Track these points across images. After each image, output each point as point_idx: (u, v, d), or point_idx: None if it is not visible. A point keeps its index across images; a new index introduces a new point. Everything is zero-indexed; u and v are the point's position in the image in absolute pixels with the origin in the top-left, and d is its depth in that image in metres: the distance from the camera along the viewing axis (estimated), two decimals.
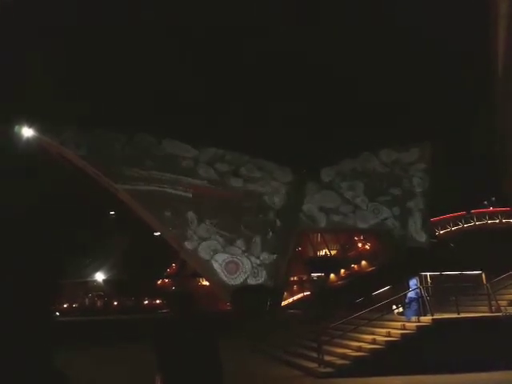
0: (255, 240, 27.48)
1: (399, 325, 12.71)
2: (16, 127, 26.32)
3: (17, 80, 23.75)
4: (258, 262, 26.98)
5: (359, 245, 34.07)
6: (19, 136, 26.27)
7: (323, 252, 32.45)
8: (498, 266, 15.33)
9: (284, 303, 28.92)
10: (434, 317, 12.18)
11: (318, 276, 31.67)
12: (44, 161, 27.75)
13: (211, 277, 26.74)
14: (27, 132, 26.72)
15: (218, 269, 26.13)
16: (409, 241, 30.34)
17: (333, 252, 32.18)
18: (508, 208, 36.33)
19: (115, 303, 38.87)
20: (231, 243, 27.05)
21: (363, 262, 31.87)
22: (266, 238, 27.81)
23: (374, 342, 12.08)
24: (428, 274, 14.57)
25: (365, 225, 30.54)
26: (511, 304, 13.43)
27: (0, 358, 4.02)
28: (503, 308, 12.91)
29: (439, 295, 14.17)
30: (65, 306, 34.95)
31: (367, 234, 32.20)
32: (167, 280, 39.91)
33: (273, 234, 27.98)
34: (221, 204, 27.73)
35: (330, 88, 40.68)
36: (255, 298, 24.52)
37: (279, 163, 31.22)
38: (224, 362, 3.78)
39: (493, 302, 12.92)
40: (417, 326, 11.94)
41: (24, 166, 24.36)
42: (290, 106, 41.59)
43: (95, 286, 39.11)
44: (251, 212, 28.30)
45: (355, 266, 32.23)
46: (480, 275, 14.22)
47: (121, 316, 28.72)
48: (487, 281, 13.84)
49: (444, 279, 14.81)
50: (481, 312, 12.91)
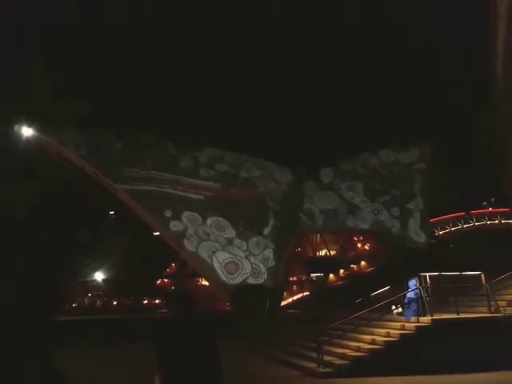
0: (255, 240, 27.48)
1: (398, 325, 12.73)
2: (16, 127, 26.30)
3: (17, 80, 23.76)
4: (258, 262, 26.97)
5: (358, 245, 34.07)
6: (19, 136, 26.25)
7: (323, 252, 32.48)
8: (498, 267, 15.36)
9: (283, 303, 28.93)
10: (434, 317, 12.20)
11: (318, 276, 31.69)
12: (44, 161, 27.73)
13: (210, 277, 26.73)
14: (27, 132, 26.70)
15: (218, 269, 26.10)
16: (408, 241, 30.28)
17: (332, 252, 32.21)
18: (507, 209, 36.31)
19: (114, 303, 38.91)
20: (231, 243, 27.06)
21: (362, 263, 31.90)
22: (266, 238, 27.82)
23: (374, 343, 12.11)
24: (427, 275, 14.55)
25: (364, 225, 30.52)
26: (510, 304, 13.46)
27: (0, 358, 4.03)
28: (502, 308, 12.94)
29: (438, 296, 14.18)
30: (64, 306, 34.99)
31: (367, 235, 32.19)
32: (167, 280, 39.96)
33: (273, 234, 27.99)
34: (221, 204, 27.74)
35: (330, 88, 40.76)
36: (255, 298, 24.52)
37: (279, 163, 31.24)
38: (223, 362, 3.79)
39: (492, 303, 12.95)
40: (416, 327, 11.96)
41: (24, 166, 24.37)
42: (290, 106, 41.69)
43: (95, 286, 39.13)
44: (251, 212, 28.30)
45: (354, 267, 32.26)
46: (479, 276, 14.22)
47: (120, 316, 28.72)
48: (486, 281, 13.86)
49: (443, 280, 14.78)
50: (480, 312, 12.93)
